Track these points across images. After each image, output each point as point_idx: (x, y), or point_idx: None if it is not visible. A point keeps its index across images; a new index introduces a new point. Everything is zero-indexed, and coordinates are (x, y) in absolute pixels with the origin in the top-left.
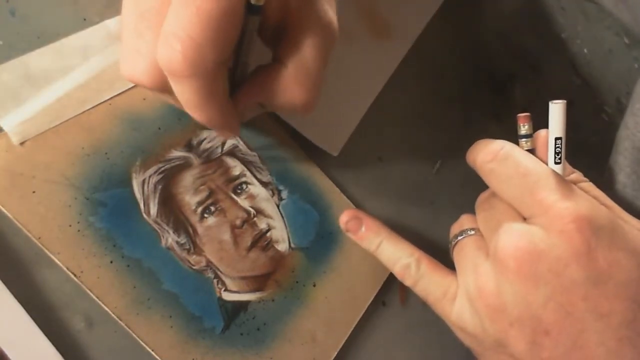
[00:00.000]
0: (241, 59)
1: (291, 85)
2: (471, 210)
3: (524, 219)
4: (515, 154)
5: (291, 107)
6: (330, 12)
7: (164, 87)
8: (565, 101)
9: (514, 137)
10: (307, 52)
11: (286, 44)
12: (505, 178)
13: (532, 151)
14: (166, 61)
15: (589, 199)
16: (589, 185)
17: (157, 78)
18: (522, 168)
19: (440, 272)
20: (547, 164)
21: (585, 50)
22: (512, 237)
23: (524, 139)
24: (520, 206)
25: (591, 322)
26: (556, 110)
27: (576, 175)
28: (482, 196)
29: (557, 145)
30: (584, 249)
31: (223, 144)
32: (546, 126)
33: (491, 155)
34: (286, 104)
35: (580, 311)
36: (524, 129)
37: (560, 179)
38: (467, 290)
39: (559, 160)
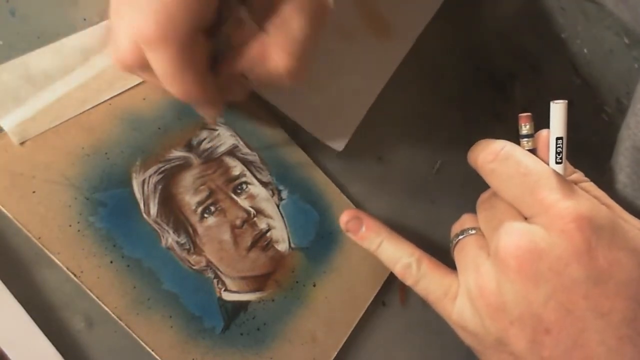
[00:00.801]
0: (224, 30)
1: (274, 52)
2: (471, 210)
3: (525, 219)
4: (516, 153)
5: (275, 76)
6: None
7: (144, 63)
8: (566, 101)
9: (514, 137)
10: (292, 19)
11: (271, 12)
12: (506, 178)
13: (533, 151)
14: (139, 29)
15: (589, 198)
16: (589, 185)
17: (135, 53)
18: (522, 168)
19: (441, 271)
20: (548, 164)
21: (585, 50)
22: (513, 236)
23: (525, 139)
24: (521, 205)
25: (592, 320)
26: (557, 110)
27: (577, 175)
28: (483, 196)
29: (558, 145)
30: (584, 248)
31: (222, 143)
32: (546, 126)
33: (492, 155)
34: (269, 73)
35: (581, 310)
36: (525, 128)
37: (561, 178)
38: (468, 289)
39: (560, 160)
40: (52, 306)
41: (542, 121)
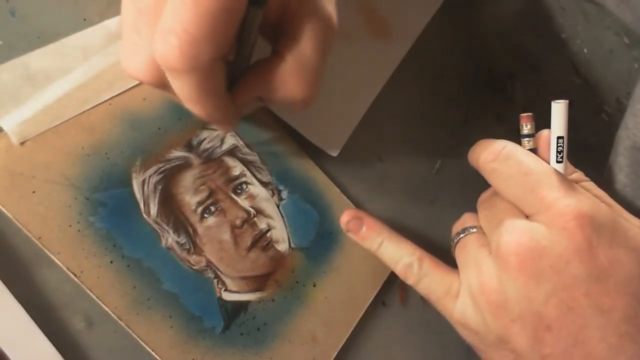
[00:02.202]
0: (241, 53)
1: (290, 78)
2: (471, 210)
3: (526, 217)
4: (517, 153)
5: (290, 102)
6: (329, 6)
7: (163, 83)
8: (567, 101)
9: (514, 136)
10: (306, 45)
11: (285, 37)
12: (507, 177)
13: (534, 150)
14: (163, 56)
15: (590, 197)
16: (590, 185)
17: (155, 73)
18: (523, 167)
19: (442, 270)
20: (548, 163)
21: (585, 50)
22: (514, 234)
23: (526, 139)
24: (522, 204)
25: (592, 318)
26: (558, 109)
27: (578, 174)
28: (484, 195)
29: (559, 145)
30: (585, 245)
31: (222, 143)
32: (546, 126)
33: (493, 155)
34: (285, 98)
35: (582, 307)
36: (526, 128)
37: (562, 177)
38: (470, 287)
39: (561, 159)
40: (52, 306)
41: (542, 121)
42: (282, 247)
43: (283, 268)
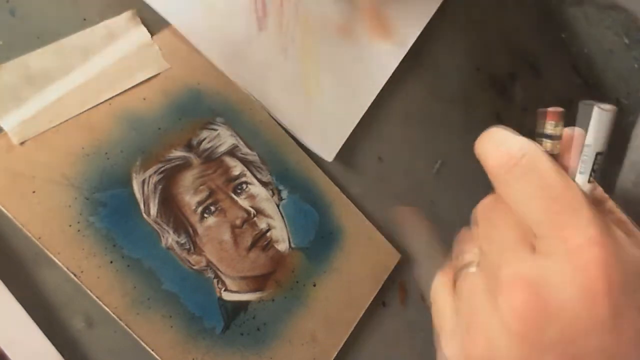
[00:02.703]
0: None
1: None
2: (471, 210)
3: (533, 246)
4: (543, 166)
5: None
6: None
7: None
8: (615, 108)
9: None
10: None
11: None
12: (526, 197)
13: (555, 157)
14: None
15: (620, 242)
16: (613, 205)
17: None
18: (549, 189)
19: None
20: (574, 180)
21: (585, 50)
22: (518, 287)
23: (548, 140)
24: (537, 230)
25: None
26: (603, 118)
27: (600, 191)
28: (485, 203)
29: (596, 162)
30: (609, 313)
31: (222, 143)
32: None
33: (508, 161)
34: None
35: None
36: (551, 127)
37: (596, 214)
38: (462, 341)
39: (592, 180)
40: (52, 306)
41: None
42: (282, 247)
43: (283, 268)
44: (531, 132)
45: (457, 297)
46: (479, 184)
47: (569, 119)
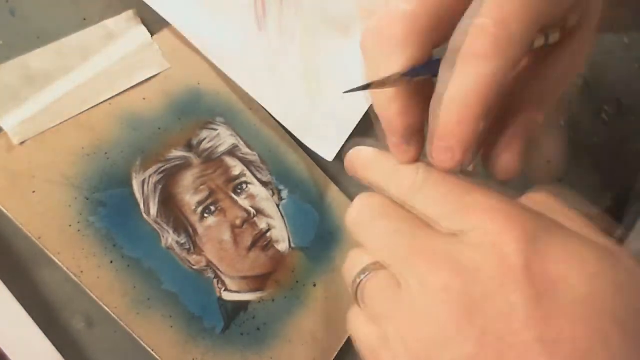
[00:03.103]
0: None
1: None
2: None
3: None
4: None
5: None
6: None
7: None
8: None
9: None
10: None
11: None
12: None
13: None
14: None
15: (516, 202)
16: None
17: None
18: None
19: None
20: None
21: None
22: (436, 269)
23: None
24: (439, 218)
25: (537, 353)
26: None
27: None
28: (361, 213)
29: None
30: (519, 262)
31: (222, 143)
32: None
33: (407, 186)
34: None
35: (523, 341)
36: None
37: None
38: (394, 340)
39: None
40: (52, 306)
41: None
42: (282, 246)
43: (283, 268)
44: None
45: (366, 306)
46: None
47: (570, 119)
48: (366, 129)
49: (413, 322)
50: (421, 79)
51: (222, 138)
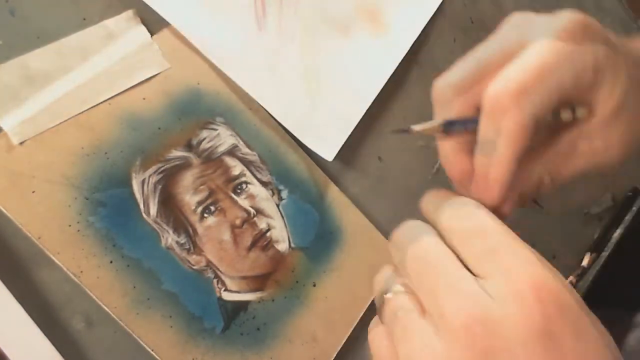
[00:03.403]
0: None
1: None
2: None
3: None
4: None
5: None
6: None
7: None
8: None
9: None
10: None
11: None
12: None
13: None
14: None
15: (555, 271)
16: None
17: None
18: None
19: None
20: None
21: None
22: (461, 300)
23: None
24: (472, 260)
25: None
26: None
27: None
28: (406, 230)
29: None
30: (545, 326)
31: (222, 143)
32: None
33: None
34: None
35: None
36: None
37: (523, 243)
38: None
39: None
40: (51, 306)
41: None
42: (282, 246)
43: (283, 268)
44: None
45: (386, 321)
46: None
47: None
48: (365, 129)
49: (426, 351)
50: (460, 132)
51: (222, 138)
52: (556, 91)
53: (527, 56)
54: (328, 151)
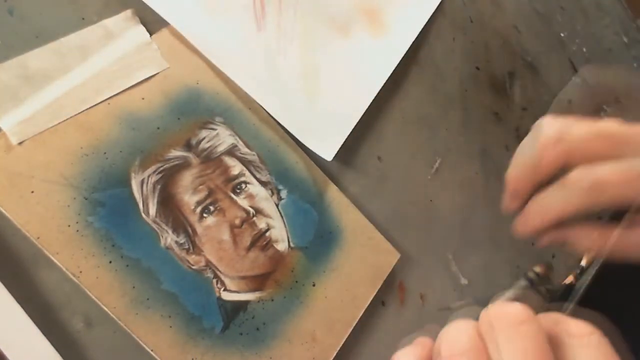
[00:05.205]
0: None
1: None
2: (467, 208)
3: None
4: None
5: None
6: None
7: None
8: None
9: (513, 135)
10: None
11: None
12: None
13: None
14: None
15: None
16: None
17: None
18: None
19: None
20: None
21: (585, 50)
22: None
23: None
24: None
25: None
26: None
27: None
28: (460, 331)
29: None
30: None
31: (221, 142)
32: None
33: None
34: None
35: None
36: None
37: None
38: None
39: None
40: (51, 306)
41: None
42: (282, 246)
43: (282, 268)
44: (530, 131)
45: None
46: (478, 183)
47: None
48: (365, 128)
49: None
50: None
51: (221, 138)
52: None
53: None
54: (327, 151)
